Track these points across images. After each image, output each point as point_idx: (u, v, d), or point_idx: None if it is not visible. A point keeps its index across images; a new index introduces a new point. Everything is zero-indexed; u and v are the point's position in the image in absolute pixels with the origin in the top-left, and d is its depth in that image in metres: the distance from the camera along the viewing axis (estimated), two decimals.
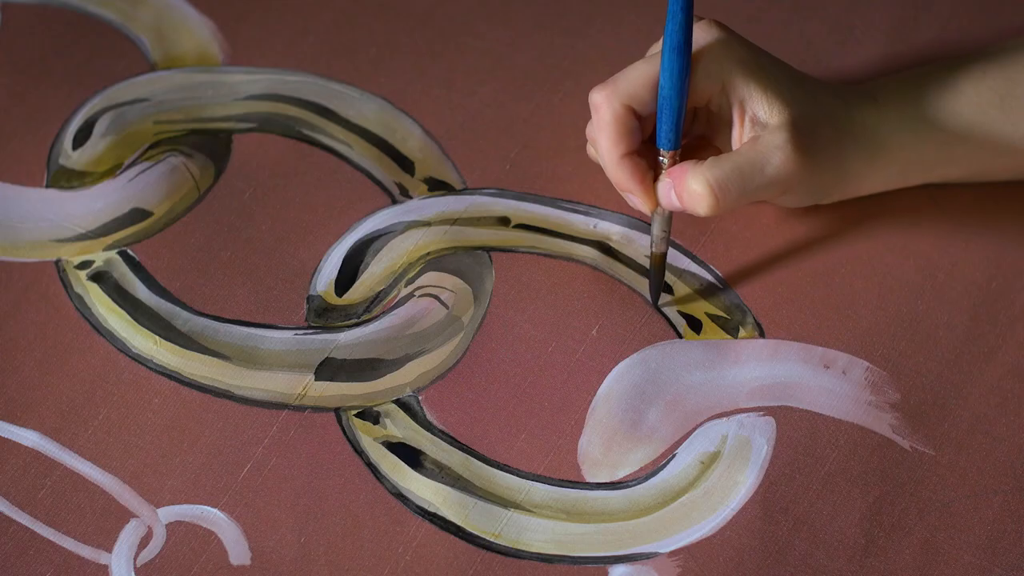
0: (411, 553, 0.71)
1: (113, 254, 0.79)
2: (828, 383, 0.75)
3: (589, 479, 0.73)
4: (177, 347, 0.76)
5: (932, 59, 0.78)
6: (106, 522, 0.72)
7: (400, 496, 0.72)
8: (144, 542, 0.71)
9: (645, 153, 0.74)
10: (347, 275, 0.78)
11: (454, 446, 0.74)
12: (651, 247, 0.76)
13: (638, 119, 0.73)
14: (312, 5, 0.87)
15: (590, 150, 0.78)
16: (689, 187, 0.72)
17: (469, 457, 0.73)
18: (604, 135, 0.73)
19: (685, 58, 0.71)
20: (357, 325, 0.77)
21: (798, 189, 0.74)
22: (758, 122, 0.73)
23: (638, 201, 0.75)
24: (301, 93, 0.84)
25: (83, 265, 0.78)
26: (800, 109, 0.73)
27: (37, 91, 0.84)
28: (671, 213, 0.75)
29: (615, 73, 0.74)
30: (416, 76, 0.85)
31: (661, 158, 0.74)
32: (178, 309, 0.77)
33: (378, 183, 0.81)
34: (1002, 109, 0.75)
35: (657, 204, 0.75)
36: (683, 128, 0.74)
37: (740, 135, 0.74)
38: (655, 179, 0.74)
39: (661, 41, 0.73)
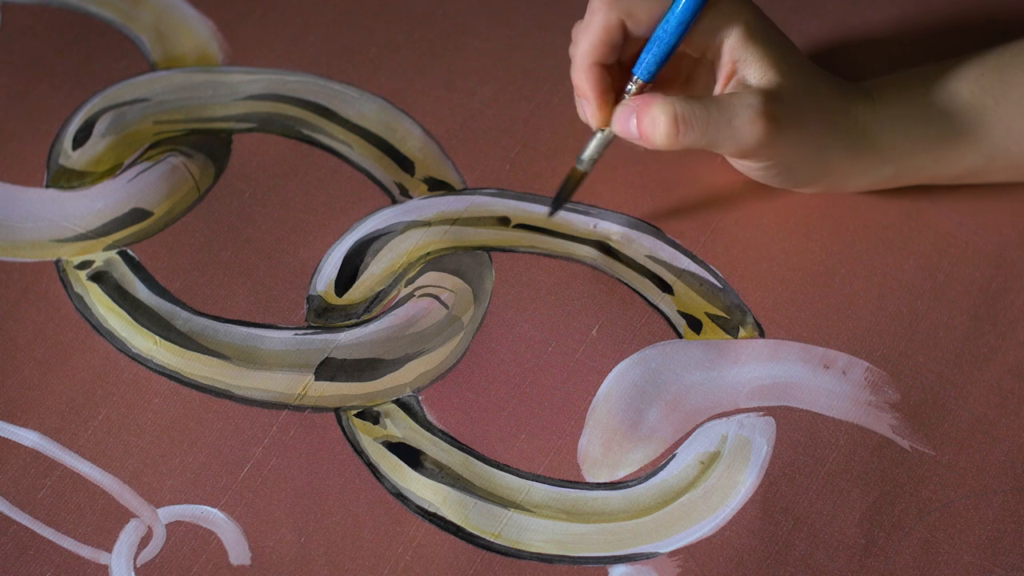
0: (411, 553, 0.71)
1: (113, 254, 0.79)
2: (828, 383, 0.75)
3: (589, 479, 0.73)
4: (177, 347, 0.76)
5: (932, 60, 0.78)
6: (106, 522, 0.72)
7: (400, 496, 0.72)
8: (144, 542, 0.71)
9: (615, 72, 0.75)
10: (347, 275, 0.78)
11: (454, 446, 0.74)
12: (577, 164, 0.76)
13: (626, 37, 0.73)
14: (312, 5, 0.87)
15: (571, 49, 0.78)
16: (653, 113, 0.72)
17: (469, 457, 0.73)
18: (587, 37, 0.74)
19: (701, 5, 0.71)
20: (357, 325, 0.77)
21: (766, 159, 0.74)
22: (744, 84, 0.73)
23: (590, 112, 0.75)
24: (301, 93, 0.84)
25: (83, 265, 0.78)
26: (791, 84, 0.73)
27: (37, 91, 0.84)
28: (611, 140, 0.75)
29: None
30: (416, 76, 0.85)
31: (630, 85, 0.74)
32: (178, 309, 0.77)
33: (378, 183, 0.81)
34: (996, 112, 0.76)
35: (607, 124, 0.75)
36: (678, 80, 0.75)
37: (722, 90, 0.74)
38: (615, 101, 0.74)
39: None
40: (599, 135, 0.76)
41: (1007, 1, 0.86)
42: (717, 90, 0.74)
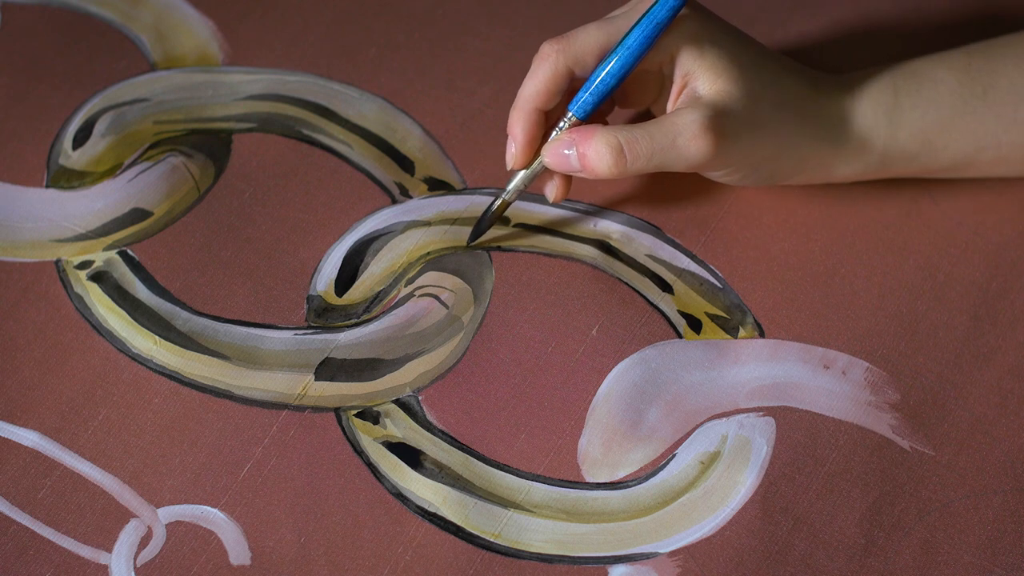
0: (411, 553, 0.71)
1: (113, 254, 0.79)
2: (828, 383, 0.75)
3: (589, 479, 0.73)
4: (177, 347, 0.76)
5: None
6: (106, 522, 0.72)
7: (400, 496, 0.72)
8: (144, 542, 0.71)
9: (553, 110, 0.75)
10: (347, 275, 0.78)
11: (454, 446, 0.74)
12: (504, 194, 0.76)
13: (572, 81, 0.74)
14: (312, 5, 0.87)
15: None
16: (596, 145, 0.73)
17: (469, 457, 0.73)
18: (533, 84, 0.74)
19: (651, 43, 0.72)
20: (357, 325, 0.77)
21: (721, 168, 0.74)
22: (694, 96, 0.73)
23: (512, 152, 0.75)
24: (301, 93, 0.84)
25: (83, 265, 0.78)
26: (745, 87, 0.73)
27: (37, 91, 0.84)
28: (540, 171, 0.75)
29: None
30: (416, 76, 0.85)
31: (564, 121, 0.74)
32: (178, 309, 0.77)
33: (378, 183, 0.81)
34: (985, 100, 0.75)
35: (526, 167, 0.75)
36: (649, 96, 0.76)
37: (672, 106, 0.74)
38: (545, 138, 0.75)
39: (625, 8, 0.74)
40: (520, 173, 0.76)
41: (1007, 1, 0.86)
42: (668, 106, 0.75)
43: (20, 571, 0.70)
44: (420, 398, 0.75)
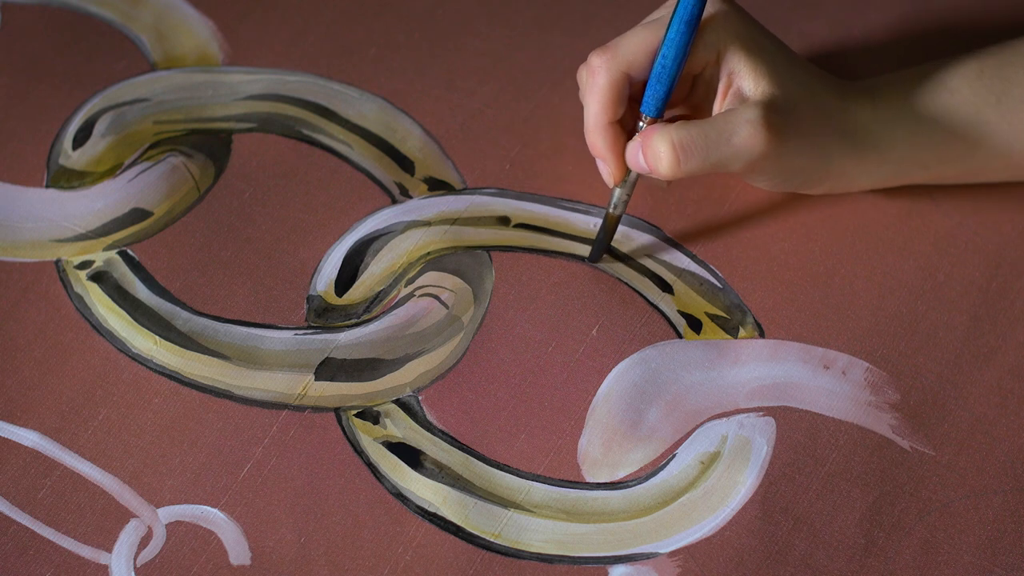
0: (411, 553, 0.71)
1: (113, 254, 0.79)
2: (828, 383, 0.75)
3: (589, 479, 0.73)
4: (177, 347, 0.76)
5: (932, 59, 0.78)
6: (106, 522, 0.72)
7: (400, 496, 0.72)
8: (144, 542, 0.71)
9: (626, 115, 0.75)
10: (347, 275, 0.78)
11: (454, 446, 0.74)
12: (608, 207, 0.76)
13: (631, 84, 0.74)
14: (312, 5, 0.87)
15: (582, 95, 0.77)
16: (653, 145, 0.73)
17: (469, 457, 0.73)
18: (595, 99, 0.74)
19: (692, 31, 0.72)
20: (357, 325, 0.77)
21: (769, 170, 0.74)
22: (741, 96, 0.73)
23: (607, 169, 0.75)
24: (301, 93, 0.84)
25: (83, 265, 0.78)
26: (786, 92, 0.73)
27: (37, 91, 0.84)
28: (637, 179, 0.76)
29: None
30: (416, 76, 0.85)
31: (641, 123, 0.74)
32: (178, 309, 0.77)
33: (378, 183, 0.81)
34: (998, 109, 0.76)
35: (623, 178, 0.75)
36: (681, 96, 0.75)
37: (721, 106, 0.74)
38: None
39: (664, 7, 0.74)
40: (618, 189, 0.76)
41: (1007, 1, 0.86)
42: (715, 106, 0.74)
43: (20, 571, 0.70)
44: (420, 398, 0.75)
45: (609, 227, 0.77)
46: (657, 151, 0.73)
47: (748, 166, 0.73)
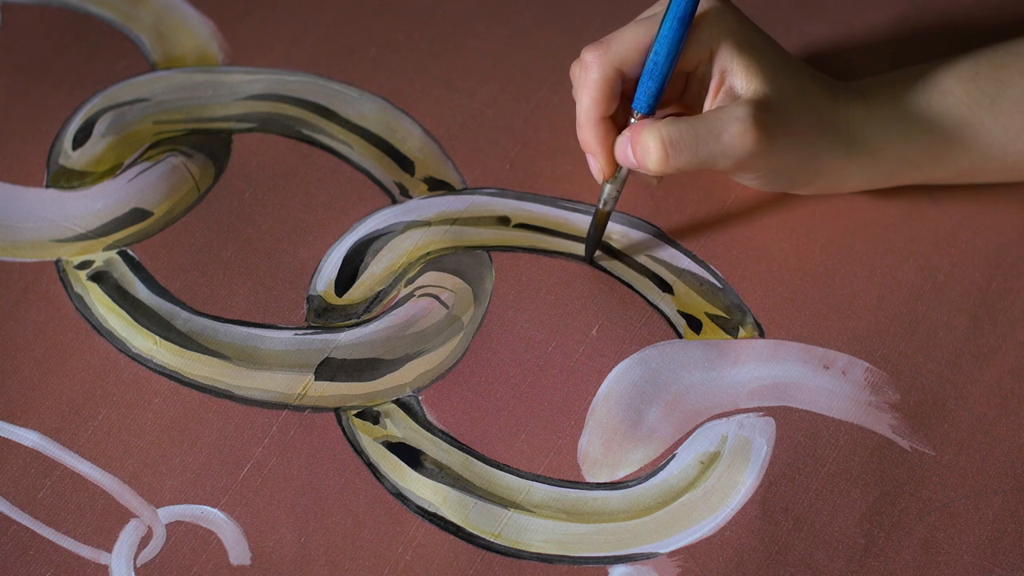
0: (411, 553, 0.71)
1: (113, 254, 0.79)
2: (828, 383, 0.75)
3: (589, 479, 0.73)
4: (177, 347, 0.76)
5: (932, 59, 0.78)
6: (106, 522, 0.72)
7: (400, 496, 0.72)
8: (144, 542, 0.71)
9: (619, 112, 0.75)
10: (347, 275, 0.78)
11: (454, 446, 0.74)
12: (598, 203, 0.76)
13: (623, 81, 0.74)
14: (312, 5, 0.87)
15: (575, 92, 0.78)
16: (642, 140, 0.73)
17: (469, 457, 0.73)
18: (588, 95, 0.74)
19: (685, 28, 0.72)
20: (357, 325, 0.77)
21: (758, 168, 0.74)
22: (732, 94, 0.73)
23: (596, 165, 0.76)
24: (301, 93, 0.84)
25: (83, 265, 0.78)
26: (778, 90, 0.73)
27: (37, 91, 0.84)
28: (627, 175, 0.76)
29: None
30: (416, 76, 0.85)
31: (632, 119, 0.74)
32: (178, 309, 0.77)
33: (378, 183, 0.81)
34: (992, 111, 0.75)
35: (613, 173, 0.75)
36: (675, 95, 0.75)
37: (712, 103, 0.74)
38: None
39: (658, 4, 0.74)
40: (609, 184, 0.76)
41: (1006, 1, 0.86)
42: (707, 104, 0.75)
43: (20, 571, 0.70)
44: (420, 398, 0.75)
45: (599, 223, 0.77)
46: (646, 146, 0.73)
47: (737, 164, 0.73)
